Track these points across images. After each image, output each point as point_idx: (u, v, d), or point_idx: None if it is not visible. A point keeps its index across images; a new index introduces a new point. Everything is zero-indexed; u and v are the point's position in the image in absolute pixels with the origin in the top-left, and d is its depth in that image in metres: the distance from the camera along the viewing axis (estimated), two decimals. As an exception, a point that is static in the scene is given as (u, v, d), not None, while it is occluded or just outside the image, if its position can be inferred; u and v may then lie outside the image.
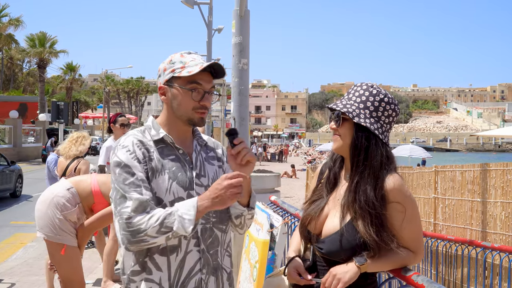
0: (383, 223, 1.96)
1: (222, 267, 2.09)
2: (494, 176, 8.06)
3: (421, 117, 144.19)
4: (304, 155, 54.66)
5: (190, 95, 1.98)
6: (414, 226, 2.00)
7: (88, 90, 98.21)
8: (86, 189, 4.29)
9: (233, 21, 5.58)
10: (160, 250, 1.92)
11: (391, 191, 1.97)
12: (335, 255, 2.02)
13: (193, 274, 1.97)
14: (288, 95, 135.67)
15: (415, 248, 2.03)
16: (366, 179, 2.00)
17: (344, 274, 1.95)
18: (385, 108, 2.06)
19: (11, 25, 41.55)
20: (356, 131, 2.04)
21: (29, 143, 34.43)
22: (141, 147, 1.94)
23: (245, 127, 5.59)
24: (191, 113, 2.00)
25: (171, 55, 2.05)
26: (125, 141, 1.96)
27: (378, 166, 2.01)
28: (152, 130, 2.03)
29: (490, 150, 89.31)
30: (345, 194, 2.06)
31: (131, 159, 1.90)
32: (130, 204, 1.83)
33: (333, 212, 2.10)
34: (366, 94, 2.07)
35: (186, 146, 2.07)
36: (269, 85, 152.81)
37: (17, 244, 9.30)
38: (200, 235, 1.99)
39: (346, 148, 2.08)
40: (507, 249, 6.18)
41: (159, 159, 1.96)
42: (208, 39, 20.09)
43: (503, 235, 7.79)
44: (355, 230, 1.97)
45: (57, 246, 4.14)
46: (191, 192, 1.99)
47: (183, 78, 1.98)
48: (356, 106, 2.06)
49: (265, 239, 3.28)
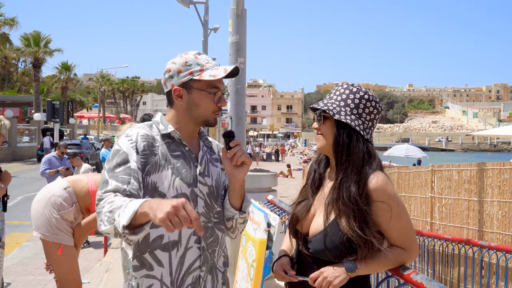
0: (366, 219, 1.95)
1: (216, 267, 2.09)
2: (491, 176, 8.06)
3: (417, 117, 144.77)
4: (300, 154, 54.64)
5: (212, 98, 1.99)
6: (402, 223, 1.99)
7: (83, 90, 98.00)
8: (83, 188, 4.26)
9: (230, 20, 5.57)
10: (162, 246, 1.92)
11: (374, 190, 1.96)
12: (322, 254, 2.02)
13: (191, 270, 1.97)
14: (283, 94, 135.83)
15: (406, 246, 2.02)
16: (349, 175, 2.00)
17: (334, 277, 1.94)
18: (366, 105, 2.07)
19: (6, 24, 41.32)
20: (337, 129, 2.04)
21: (24, 143, 34.30)
22: (144, 140, 1.93)
23: (241, 126, 5.59)
24: (210, 115, 2.02)
25: (182, 56, 2.01)
26: (130, 132, 1.95)
27: (360, 162, 2.01)
28: (161, 125, 2.02)
29: (485, 150, 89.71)
30: (329, 192, 2.06)
31: (131, 147, 1.88)
32: (110, 188, 1.78)
33: (318, 211, 2.10)
34: (347, 92, 2.08)
35: (193, 145, 2.07)
36: (265, 84, 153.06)
37: (12, 244, 9.27)
38: None
39: (329, 146, 2.08)
40: (504, 248, 6.18)
41: (164, 154, 1.95)
42: (204, 38, 20.06)
43: (499, 234, 7.80)
44: (338, 229, 1.96)
45: (53, 246, 4.12)
46: (195, 189, 1.99)
47: (204, 82, 1.96)
48: (337, 104, 2.07)
49: (262, 238, 3.25)
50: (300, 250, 2.17)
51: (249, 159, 1.93)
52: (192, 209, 1.50)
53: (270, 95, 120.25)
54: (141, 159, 1.89)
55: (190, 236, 1.96)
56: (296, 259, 2.18)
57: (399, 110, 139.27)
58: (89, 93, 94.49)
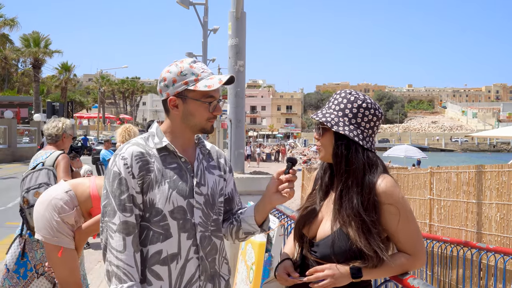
0: (370, 230, 1.94)
1: (220, 275, 2.11)
2: (489, 178, 8.08)
3: (416, 117, 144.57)
4: (300, 155, 54.60)
5: (207, 107, 2.01)
6: (409, 227, 1.98)
7: (83, 90, 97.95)
8: (85, 192, 4.26)
9: (229, 23, 5.57)
10: (161, 261, 1.94)
11: (383, 193, 1.96)
12: (329, 259, 2.01)
13: (193, 281, 1.99)
14: (283, 95, 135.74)
15: (413, 251, 2.00)
16: (350, 187, 2.00)
17: (337, 277, 1.95)
18: (364, 113, 2.05)
19: (6, 25, 41.29)
20: (335, 140, 2.04)
21: (24, 143, 34.26)
22: (139, 160, 1.94)
23: (241, 129, 5.59)
24: (205, 123, 2.04)
25: (178, 64, 2.01)
26: (125, 152, 1.95)
27: (360, 172, 2.00)
28: (156, 138, 2.03)
29: (485, 150, 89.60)
30: (333, 202, 2.07)
31: (127, 173, 1.91)
32: (117, 222, 1.89)
33: (326, 216, 2.10)
34: (344, 102, 2.07)
35: (188, 155, 2.08)
36: (265, 85, 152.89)
37: (12, 246, 9.24)
38: (199, 243, 2.01)
39: (330, 156, 2.09)
40: (502, 250, 6.20)
41: (160, 169, 1.96)
42: (204, 39, 20.09)
43: (498, 236, 7.82)
44: (346, 236, 1.97)
45: (54, 248, 4.13)
46: (191, 200, 2.00)
47: (199, 92, 1.98)
48: (335, 114, 2.06)
49: (261, 241, 3.28)
50: (304, 254, 2.17)
51: (293, 195, 1.98)
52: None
53: (270, 95, 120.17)
54: (138, 182, 1.92)
55: (190, 247, 1.98)
56: (299, 264, 2.18)
57: (399, 110, 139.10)
58: (88, 93, 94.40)
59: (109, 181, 1.93)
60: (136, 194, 1.91)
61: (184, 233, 1.97)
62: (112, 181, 1.92)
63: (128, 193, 1.90)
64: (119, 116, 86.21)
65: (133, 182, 1.91)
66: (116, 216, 1.89)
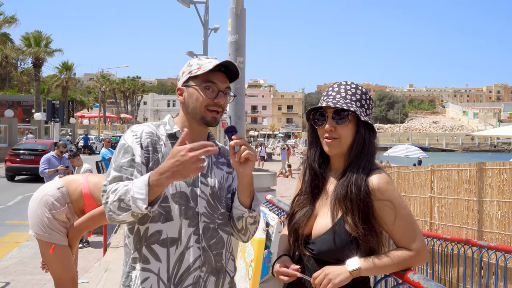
0: (369, 217, 1.94)
1: (226, 270, 2.10)
2: (490, 175, 8.05)
3: (417, 117, 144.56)
4: (300, 154, 54.56)
5: (205, 92, 2.03)
6: (406, 223, 1.96)
7: (84, 90, 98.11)
8: (77, 190, 4.25)
9: (229, 19, 5.57)
10: (161, 241, 1.95)
11: (378, 189, 1.95)
12: (327, 255, 2.00)
13: (192, 270, 1.98)
14: (284, 95, 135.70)
15: (413, 247, 1.96)
16: (360, 172, 1.99)
17: (336, 275, 1.92)
18: (367, 101, 2.10)
19: (5, 23, 41.34)
20: (358, 129, 2.04)
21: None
22: (149, 137, 2.01)
23: (241, 126, 5.58)
24: (204, 111, 2.05)
25: (190, 60, 2.14)
26: (136, 128, 2.06)
27: (373, 158, 2.04)
28: (167, 125, 2.12)
29: (486, 150, 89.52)
30: (335, 191, 2.03)
31: (135, 142, 1.98)
32: (110, 177, 1.90)
33: (321, 213, 2.08)
34: (359, 93, 2.08)
35: None
36: (266, 85, 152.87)
37: (11, 244, 9.29)
38: (202, 233, 2.01)
39: (345, 147, 2.05)
40: (503, 248, 6.17)
41: (167, 154, 1.99)
42: (204, 38, 20.04)
43: (499, 234, 7.79)
44: (345, 228, 1.95)
45: (46, 245, 4.12)
46: (195, 189, 2.02)
47: (199, 77, 2.04)
48: (354, 104, 2.05)
49: (260, 237, 3.27)
50: (300, 253, 2.13)
51: (253, 156, 1.90)
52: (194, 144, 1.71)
53: (271, 95, 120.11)
54: (144, 154, 1.97)
55: (190, 235, 1.98)
56: (297, 260, 2.14)
57: (400, 110, 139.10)
58: (89, 93, 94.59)
59: (115, 153, 1.99)
60: (139, 160, 1.94)
61: (186, 220, 1.98)
62: (118, 152, 1.98)
63: (131, 158, 1.94)
64: (120, 116, 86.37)
65: (139, 150, 1.96)
66: (112, 175, 1.91)
